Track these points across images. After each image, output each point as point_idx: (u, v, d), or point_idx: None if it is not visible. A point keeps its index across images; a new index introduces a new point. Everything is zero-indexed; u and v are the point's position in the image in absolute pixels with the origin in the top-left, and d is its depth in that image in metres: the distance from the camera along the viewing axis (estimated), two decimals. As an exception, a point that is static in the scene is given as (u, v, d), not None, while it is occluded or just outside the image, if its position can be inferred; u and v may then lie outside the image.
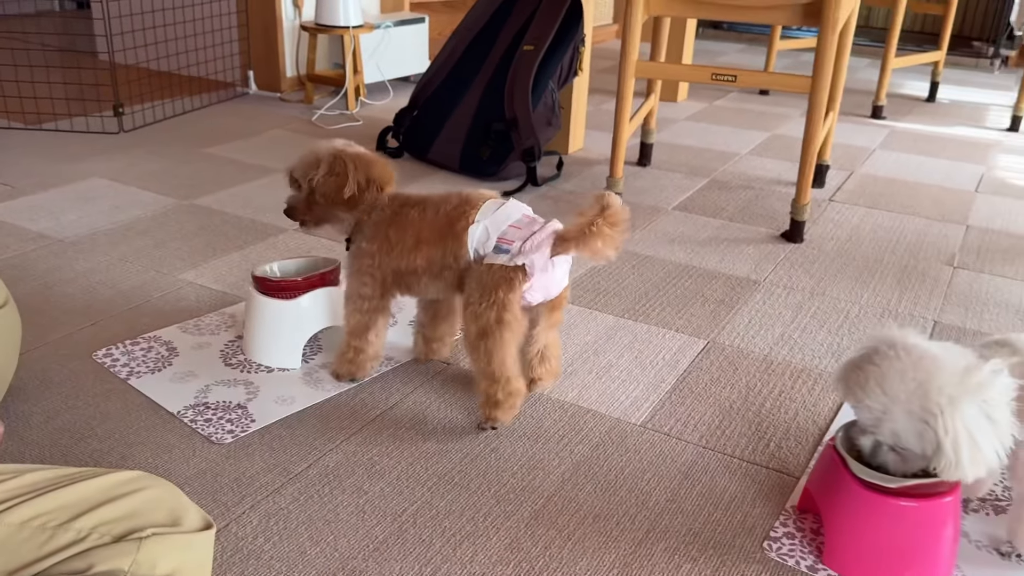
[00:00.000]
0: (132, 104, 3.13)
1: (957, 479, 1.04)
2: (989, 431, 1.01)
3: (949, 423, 1.01)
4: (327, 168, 1.40)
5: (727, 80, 2.16)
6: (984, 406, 1.01)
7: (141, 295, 1.82)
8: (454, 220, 1.35)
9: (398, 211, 1.40)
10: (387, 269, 1.40)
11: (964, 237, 2.31)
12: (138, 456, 1.31)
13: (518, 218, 1.34)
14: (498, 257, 1.31)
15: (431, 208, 1.38)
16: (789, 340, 1.73)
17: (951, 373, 1.02)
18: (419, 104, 2.79)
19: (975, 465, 1.02)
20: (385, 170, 1.43)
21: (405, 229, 1.38)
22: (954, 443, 1.01)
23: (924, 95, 4.02)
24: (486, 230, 1.33)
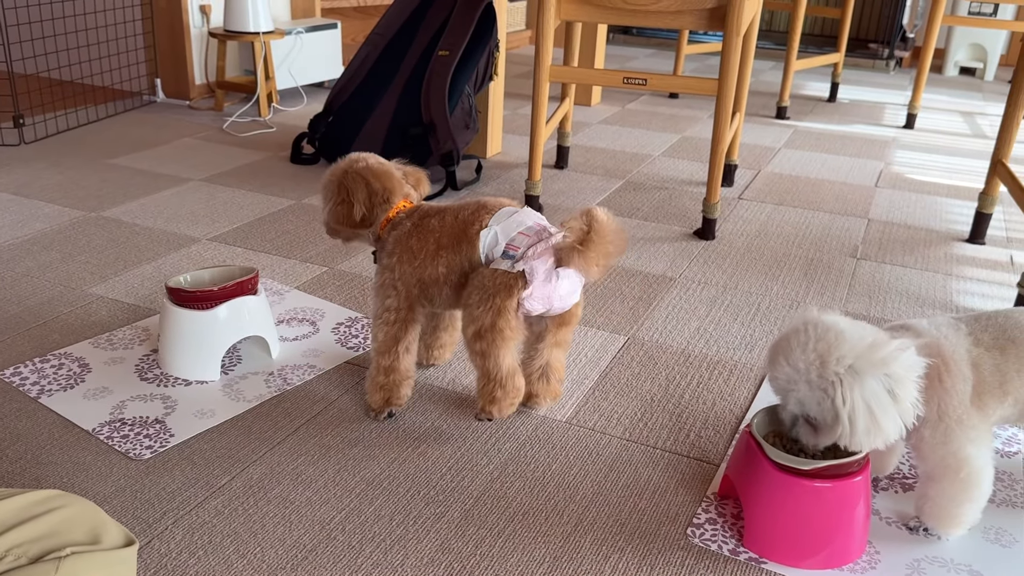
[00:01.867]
0: (33, 115, 3.02)
1: (855, 449, 1.10)
2: (889, 406, 1.06)
3: (847, 394, 1.05)
4: (333, 198, 1.42)
5: (638, 84, 2.22)
6: (886, 380, 1.06)
7: (49, 311, 1.75)
8: (469, 224, 1.35)
9: (419, 223, 1.39)
10: (411, 280, 1.39)
11: (866, 230, 2.42)
12: (53, 476, 1.26)
13: (529, 225, 1.34)
14: (502, 262, 1.31)
15: (450, 215, 1.38)
16: (705, 333, 1.79)
17: (853, 346, 1.07)
18: (334, 109, 2.77)
19: (870, 436, 1.07)
20: (386, 179, 1.42)
21: (426, 238, 1.37)
22: (851, 414, 1.06)
23: (825, 95, 4.19)
24: (496, 235, 1.33)
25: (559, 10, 2.19)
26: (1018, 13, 4.68)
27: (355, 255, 2.10)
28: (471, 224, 1.35)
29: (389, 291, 1.40)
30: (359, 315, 1.79)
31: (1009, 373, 1.13)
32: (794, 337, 1.11)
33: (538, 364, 1.44)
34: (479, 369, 1.35)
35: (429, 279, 1.38)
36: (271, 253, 2.09)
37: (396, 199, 1.43)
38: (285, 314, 1.78)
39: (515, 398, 1.37)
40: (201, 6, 3.41)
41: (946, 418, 1.13)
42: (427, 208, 1.42)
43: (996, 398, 1.14)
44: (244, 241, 2.15)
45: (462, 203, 1.40)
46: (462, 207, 1.39)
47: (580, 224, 1.26)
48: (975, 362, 1.14)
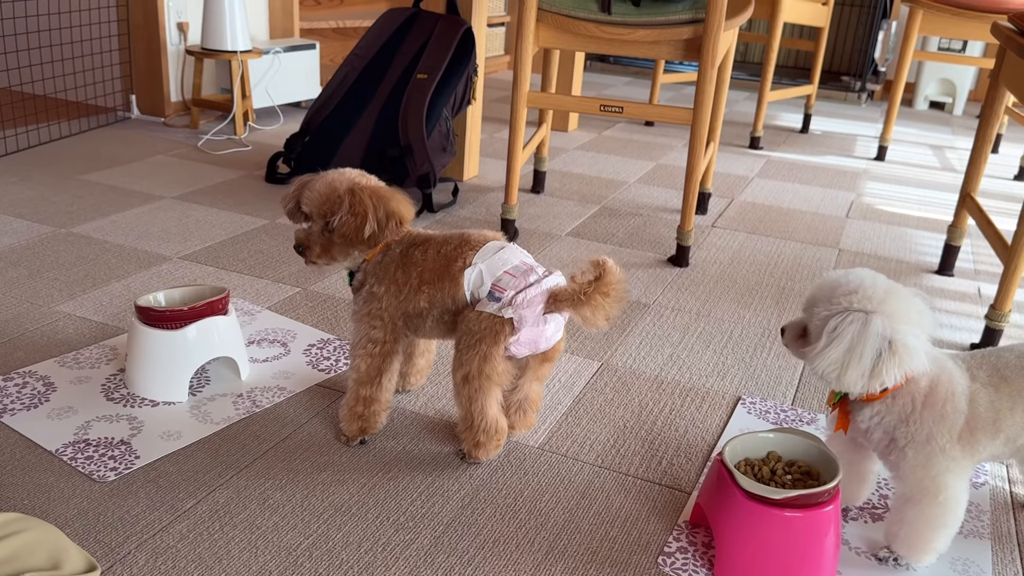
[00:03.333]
0: (4, 128, 2.98)
1: (813, 368, 1.14)
2: (866, 360, 1.10)
3: (844, 324, 1.11)
4: (347, 207, 1.32)
5: (615, 111, 2.23)
6: (884, 344, 1.10)
7: (14, 328, 1.72)
8: (451, 261, 1.32)
9: (405, 252, 1.36)
10: (396, 312, 1.36)
11: (837, 260, 2.45)
12: (13, 498, 1.23)
13: (515, 264, 1.31)
14: (488, 305, 1.29)
15: (433, 248, 1.35)
16: (678, 360, 1.79)
17: (891, 306, 1.12)
18: (311, 129, 2.76)
19: (830, 368, 1.13)
20: (403, 204, 1.36)
21: (410, 270, 1.35)
22: (831, 339, 1.11)
23: (798, 126, 4.26)
24: (481, 274, 1.30)
25: (538, 37, 2.21)
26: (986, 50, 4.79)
27: (329, 276, 2.09)
28: (454, 261, 1.32)
29: (375, 321, 1.36)
30: (331, 337, 1.78)
31: (1003, 411, 1.16)
32: (858, 271, 1.17)
33: (517, 397, 1.43)
34: (464, 412, 1.35)
35: (413, 311, 1.36)
36: (243, 273, 2.07)
37: (406, 226, 1.38)
38: (256, 335, 1.76)
39: (500, 441, 1.38)
40: (178, 23, 3.40)
41: (932, 443, 1.15)
42: (413, 237, 1.39)
43: (988, 435, 1.16)
44: (216, 260, 2.13)
45: (446, 236, 1.38)
46: (446, 240, 1.36)
47: (590, 274, 1.25)
48: (971, 397, 1.16)
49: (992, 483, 1.45)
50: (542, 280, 1.30)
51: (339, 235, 1.33)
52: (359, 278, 1.40)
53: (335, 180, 1.34)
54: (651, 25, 2.11)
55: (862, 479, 1.33)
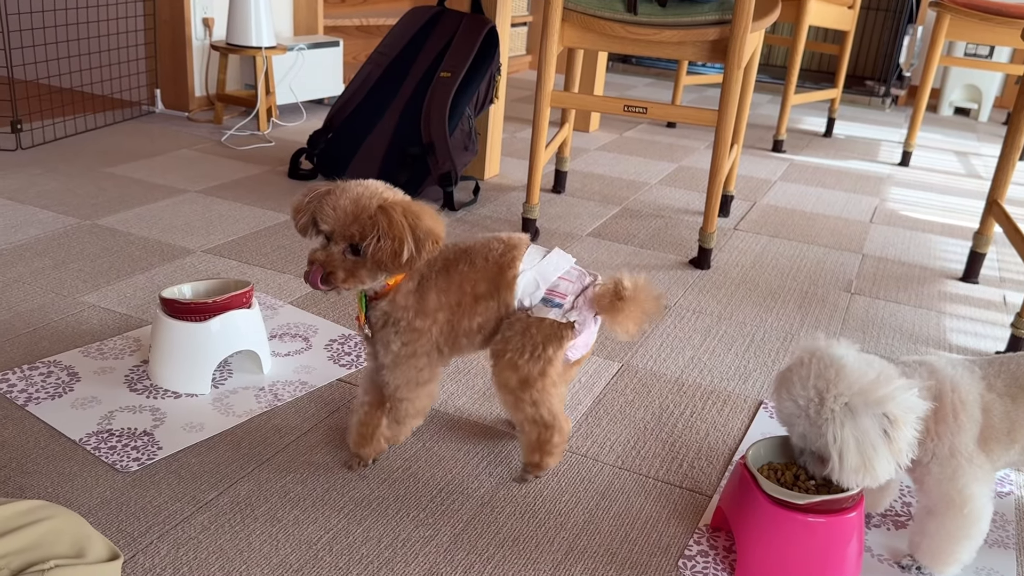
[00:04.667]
0: (31, 121, 3.01)
1: (845, 486, 1.10)
2: (881, 446, 1.06)
3: (838, 431, 1.06)
4: (383, 228, 1.15)
5: (638, 112, 2.23)
6: (882, 420, 1.06)
7: (40, 318, 1.74)
8: (504, 268, 1.24)
9: (445, 270, 1.24)
10: (445, 342, 1.26)
11: (860, 265, 2.43)
12: (38, 486, 1.24)
13: (567, 270, 1.27)
14: (548, 311, 1.23)
15: (478, 258, 1.25)
16: (699, 362, 1.78)
17: (851, 383, 1.06)
18: (334, 126, 2.77)
19: (859, 475, 1.07)
20: (437, 221, 1.21)
21: (462, 287, 1.24)
22: (840, 450, 1.06)
23: (821, 130, 4.23)
24: (535, 280, 1.24)
25: (563, 36, 2.20)
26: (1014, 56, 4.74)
27: (350, 272, 2.09)
28: (507, 268, 1.24)
29: (422, 361, 1.25)
30: (352, 332, 1.78)
31: (1018, 421, 1.14)
32: (797, 370, 1.11)
33: None
34: (528, 420, 1.28)
35: (466, 331, 1.26)
36: (265, 267, 2.08)
37: (441, 245, 1.22)
38: (278, 329, 1.77)
39: (565, 444, 1.35)
40: (204, 19, 3.42)
41: (957, 455, 1.13)
42: (448, 252, 1.26)
43: (1003, 445, 1.14)
44: (239, 254, 2.14)
45: (483, 242, 1.28)
46: (486, 247, 1.27)
47: (619, 283, 1.22)
48: (986, 407, 1.14)
49: (1017, 492, 1.43)
50: (595, 282, 1.27)
51: (373, 260, 1.16)
52: (384, 310, 1.24)
53: (362, 196, 1.16)
54: (677, 26, 2.10)
55: (885, 486, 1.32)
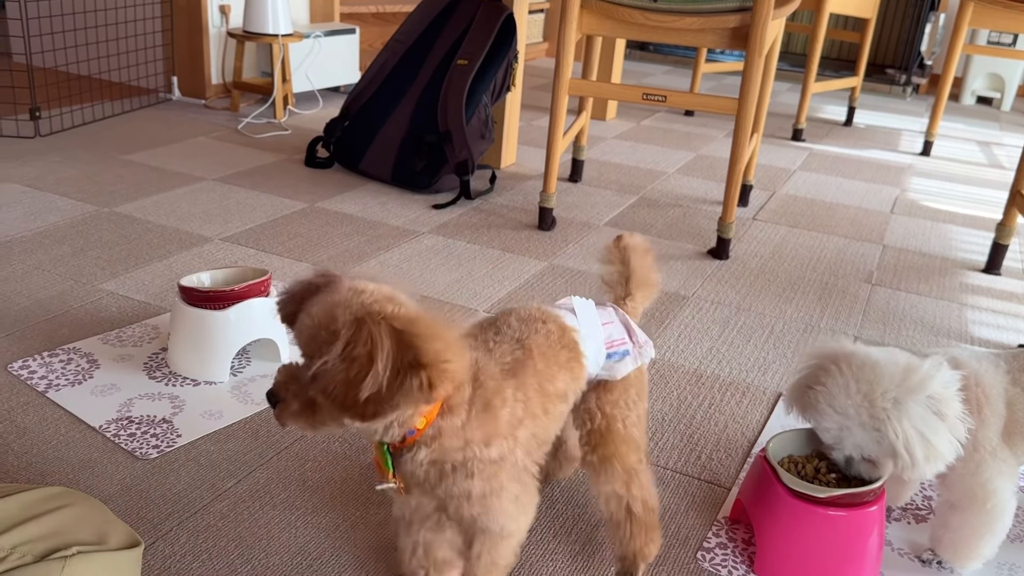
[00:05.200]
0: (50, 108, 3.02)
1: (922, 478, 1.08)
2: (939, 426, 1.04)
3: (897, 426, 1.03)
4: (340, 348, 0.80)
5: (657, 100, 2.21)
6: (930, 402, 1.04)
7: (59, 305, 1.74)
8: (567, 348, 1.03)
9: (512, 374, 0.97)
10: (530, 455, 0.99)
11: (881, 256, 2.40)
12: (58, 472, 1.25)
13: (607, 314, 1.12)
14: (623, 364, 1.08)
15: (536, 352, 0.99)
16: (717, 354, 1.77)
17: (891, 376, 1.05)
18: (351, 114, 2.77)
19: (931, 462, 1.05)
20: (453, 346, 0.84)
21: (543, 391, 0.99)
22: (906, 444, 1.03)
23: (842, 119, 4.19)
24: (595, 346, 1.07)
25: (581, 24, 2.19)
26: (1037, 44, 4.67)
27: (368, 260, 2.09)
28: (569, 348, 1.03)
29: (514, 488, 0.96)
30: (370, 321, 1.78)
31: None
32: (832, 382, 1.08)
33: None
34: (641, 501, 1.10)
35: (544, 440, 1.02)
36: (283, 255, 2.08)
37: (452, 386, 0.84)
38: (296, 317, 1.77)
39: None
40: (221, 6, 3.41)
41: (981, 449, 1.12)
42: (491, 364, 0.97)
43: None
44: (256, 242, 2.14)
45: (522, 326, 1.03)
46: (531, 329, 1.02)
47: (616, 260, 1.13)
48: (1010, 401, 1.12)
49: (1041, 488, 1.42)
50: (621, 304, 1.16)
51: (319, 390, 0.81)
52: (433, 461, 0.91)
53: (340, 302, 0.83)
54: (698, 13, 2.08)
55: (906, 480, 1.31)
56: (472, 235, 2.31)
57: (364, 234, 2.25)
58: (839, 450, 1.11)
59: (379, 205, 2.49)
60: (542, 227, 2.39)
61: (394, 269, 2.05)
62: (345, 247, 2.16)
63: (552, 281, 2.05)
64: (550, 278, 2.07)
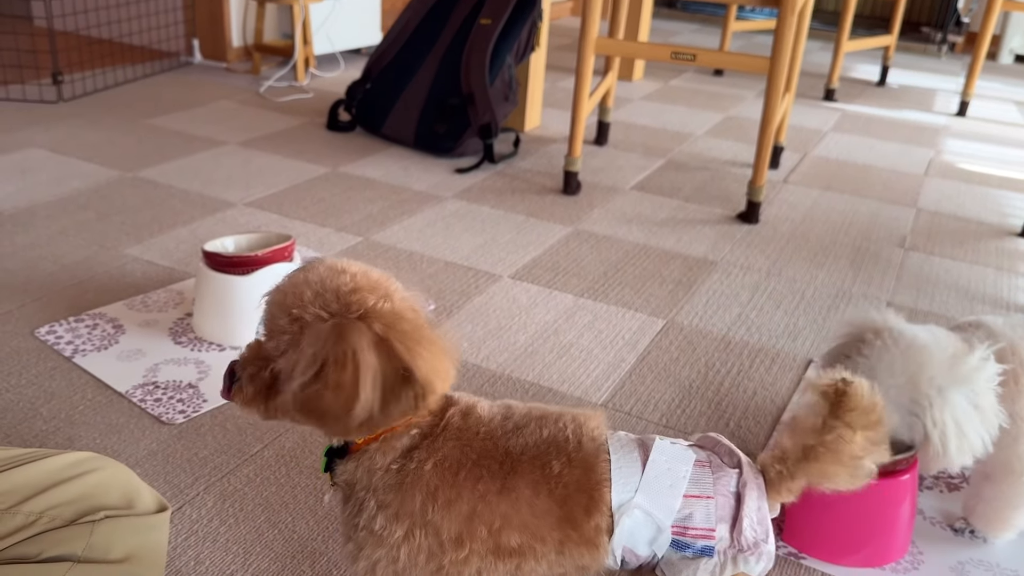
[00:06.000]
0: (71, 72, 3.01)
1: (951, 469, 1.05)
2: (975, 419, 1.02)
3: (937, 415, 1.01)
4: (318, 360, 0.70)
5: (686, 59, 2.15)
6: (971, 395, 1.02)
7: (84, 270, 1.75)
8: (586, 494, 0.74)
9: (449, 455, 0.76)
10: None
11: (915, 220, 2.35)
12: (86, 437, 1.26)
13: (688, 470, 0.76)
14: (694, 564, 0.74)
15: (533, 463, 0.74)
16: (746, 320, 1.74)
17: (940, 363, 1.02)
18: (372, 77, 2.73)
19: (962, 454, 1.02)
20: (444, 359, 0.74)
21: (532, 503, 0.74)
22: (942, 435, 1.01)
23: (875, 79, 4.08)
24: (648, 516, 0.73)
25: (608, -19, 2.13)
26: (1079, 0, 4.51)
27: (391, 225, 2.07)
28: (589, 493, 0.73)
29: None
30: (394, 286, 1.77)
31: None
32: (875, 356, 1.05)
33: None
34: None
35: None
36: (306, 221, 2.07)
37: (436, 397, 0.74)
38: (320, 282, 1.76)
39: None
40: (242, -33, 3.37)
41: (1018, 420, 1.09)
42: (462, 413, 0.78)
43: None
44: (279, 207, 2.13)
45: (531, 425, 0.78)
46: (537, 438, 0.76)
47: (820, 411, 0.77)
48: None
49: (1079, 457, 1.38)
50: (744, 475, 0.78)
51: (296, 402, 0.72)
52: (351, 476, 0.78)
53: (312, 282, 0.73)
54: (728, -31, 2.02)
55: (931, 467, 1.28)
56: (496, 200, 2.28)
57: (387, 199, 2.24)
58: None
59: (402, 169, 2.46)
60: (567, 191, 2.36)
61: (417, 235, 2.03)
62: (368, 212, 2.14)
63: (577, 247, 2.02)
64: (575, 244, 2.04)
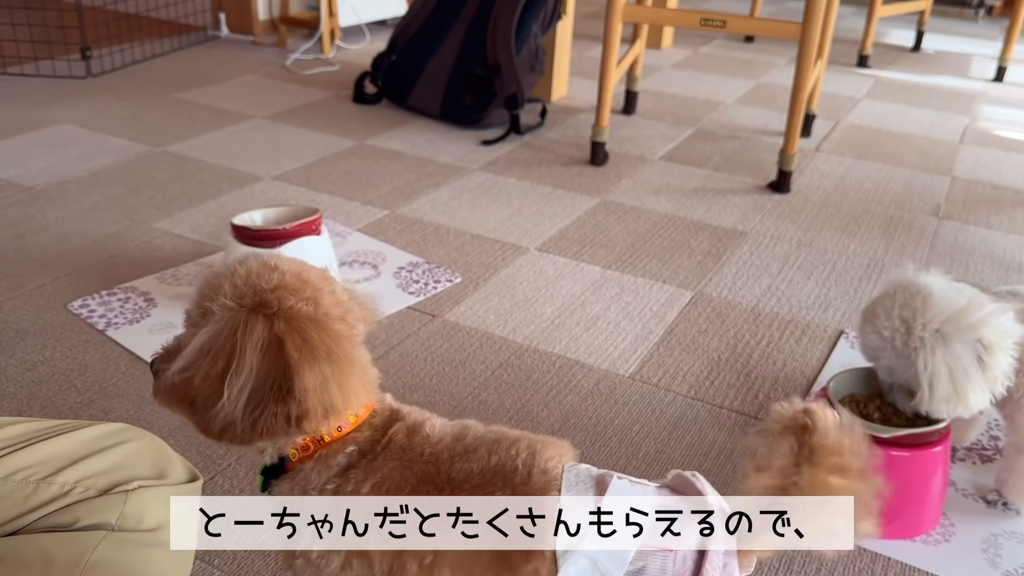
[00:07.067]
0: (100, 47, 3.02)
1: (934, 415, 1.05)
2: (975, 373, 1.01)
3: (929, 357, 1.01)
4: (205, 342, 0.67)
5: (716, 26, 2.12)
6: (976, 346, 1.00)
7: (116, 244, 1.76)
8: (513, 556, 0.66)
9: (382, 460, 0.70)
10: None
11: (949, 188, 2.30)
12: (119, 408, 1.28)
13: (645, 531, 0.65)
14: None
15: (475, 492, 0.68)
16: (776, 291, 1.72)
17: (941, 309, 1.02)
18: (398, 48, 2.72)
19: (950, 404, 1.02)
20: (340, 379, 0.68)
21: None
22: (931, 378, 1.01)
23: (909, 44, 3.99)
24: (594, 566, 0.64)
25: (635, -53, 2.09)
26: (1124, -41, 4.36)
27: (417, 199, 2.07)
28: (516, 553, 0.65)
29: None
30: (420, 260, 1.77)
31: None
32: (880, 302, 1.06)
33: None
34: None
35: None
36: (333, 194, 2.07)
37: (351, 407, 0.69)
38: (347, 256, 1.77)
39: None
40: (267, -61, 3.36)
41: None
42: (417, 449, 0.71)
43: None
44: (306, 181, 2.14)
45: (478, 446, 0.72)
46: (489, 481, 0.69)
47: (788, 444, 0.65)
48: None
49: (1117, 429, 1.36)
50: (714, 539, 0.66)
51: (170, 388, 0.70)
52: (288, 494, 0.74)
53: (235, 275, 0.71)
54: (759, -68, 1.97)
55: (972, 419, 1.26)
56: (522, 171, 2.27)
57: (413, 172, 2.23)
58: (877, 372, 1.11)
59: (427, 142, 2.45)
60: (594, 162, 2.34)
61: (443, 207, 2.03)
62: (394, 185, 2.14)
63: (605, 219, 2.01)
64: (603, 215, 2.03)
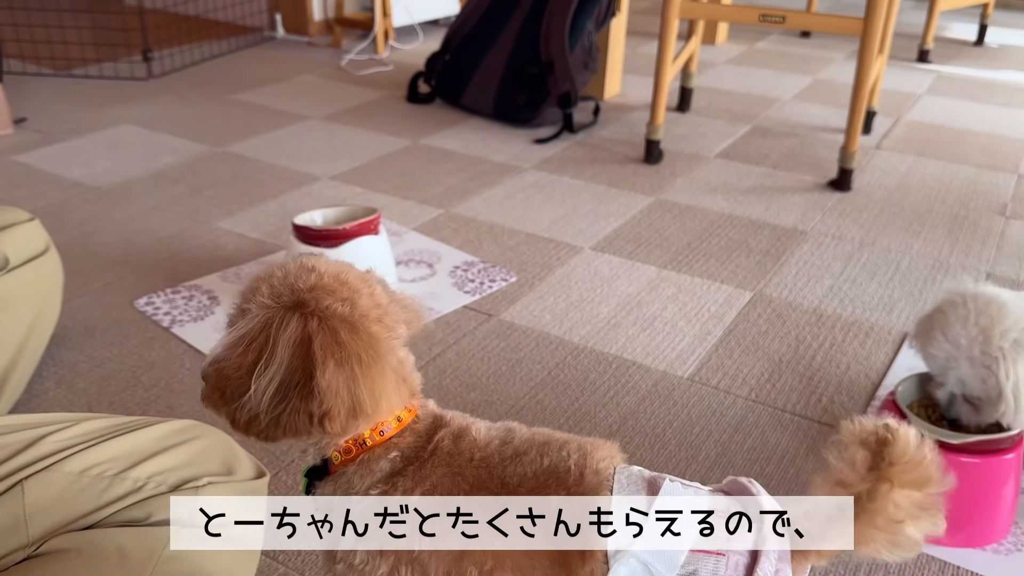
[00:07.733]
0: (160, 49, 3.09)
1: (1019, 427, 1.02)
2: None
3: (1011, 368, 0.99)
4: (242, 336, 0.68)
5: (775, 22, 2.08)
6: None
7: (179, 243, 1.80)
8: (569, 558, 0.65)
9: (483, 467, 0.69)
10: None
11: (1016, 186, 2.23)
12: (185, 405, 1.30)
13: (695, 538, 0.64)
14: None
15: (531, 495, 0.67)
16: (839, 292, 1.69)
17: (1018, 318, 1.00)
18: (451, 47, 2.73)
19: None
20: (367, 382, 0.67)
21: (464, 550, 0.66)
22: (1015, 389, 0.99)
23: (972, 38, 3.88)
24: (645, 568, 0.63)
25: (693, -57, 2.07)
26: None
27: (471, 198, 2.08)
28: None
29: None
30: (475, 259, 1.77)
31: None
32: (952, 311, 1.03)
33: None
34: None
35: None
36: (389, 194, 2.09)
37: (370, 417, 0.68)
38: (403, 255, 1.78)
39: None
40: (322, -59, 3.40)
41: None
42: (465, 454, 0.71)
43: None
44: (363, 181, 2.16)
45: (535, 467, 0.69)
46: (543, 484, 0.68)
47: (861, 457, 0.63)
48: None
49: None
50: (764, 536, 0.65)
51: (207, 375, 0.72)
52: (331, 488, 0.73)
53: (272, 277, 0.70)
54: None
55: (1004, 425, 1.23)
56: (576, 170, 2.26)
57: (467, 171, 2.24)
58: (943, 385, 1.07)
59: (481, 141, 2.46)
60: (649, 160, 2.32)
61: (497, 206, 2.03)
62: (449, 184, 2.15)
63: (660, 218, 1.99)
64: (658, 214, 2.01)
